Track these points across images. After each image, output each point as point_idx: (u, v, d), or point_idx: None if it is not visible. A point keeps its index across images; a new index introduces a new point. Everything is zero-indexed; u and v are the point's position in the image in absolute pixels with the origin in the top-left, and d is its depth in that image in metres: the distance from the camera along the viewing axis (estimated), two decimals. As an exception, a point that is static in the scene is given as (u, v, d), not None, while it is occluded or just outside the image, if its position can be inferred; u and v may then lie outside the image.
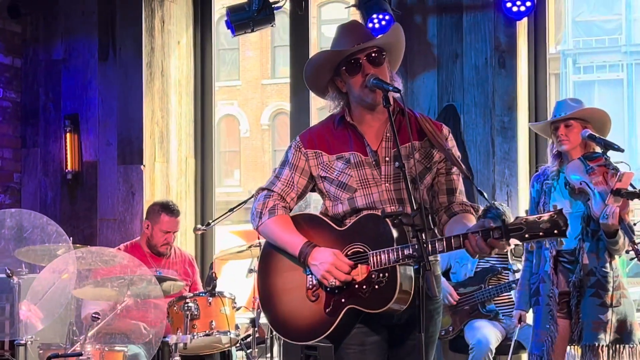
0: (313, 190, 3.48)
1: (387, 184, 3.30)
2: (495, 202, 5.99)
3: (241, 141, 24.97)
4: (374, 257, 3.15)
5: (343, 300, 3.19)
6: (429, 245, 3.03)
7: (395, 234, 3.14)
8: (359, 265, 3.18)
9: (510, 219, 5.71)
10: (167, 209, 5.95)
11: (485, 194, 3.37)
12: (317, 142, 3.38)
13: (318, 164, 3.36)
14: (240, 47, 24.31)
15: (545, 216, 2.96)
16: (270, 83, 24.44)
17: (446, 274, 6.09)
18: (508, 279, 5.90)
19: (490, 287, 5.90)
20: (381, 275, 3.13)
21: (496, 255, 5.55)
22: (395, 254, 3.11)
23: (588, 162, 4.63)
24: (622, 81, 20.54)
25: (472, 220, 3.29)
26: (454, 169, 3.39)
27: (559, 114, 4.76)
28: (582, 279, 4.61)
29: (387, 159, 3.32)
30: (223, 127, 25.03)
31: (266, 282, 3.39)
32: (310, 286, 3.26)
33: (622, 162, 4.57)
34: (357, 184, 3.30)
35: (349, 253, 3.23)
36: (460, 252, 3.36)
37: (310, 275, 3.26)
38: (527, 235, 2.96)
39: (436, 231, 3.33)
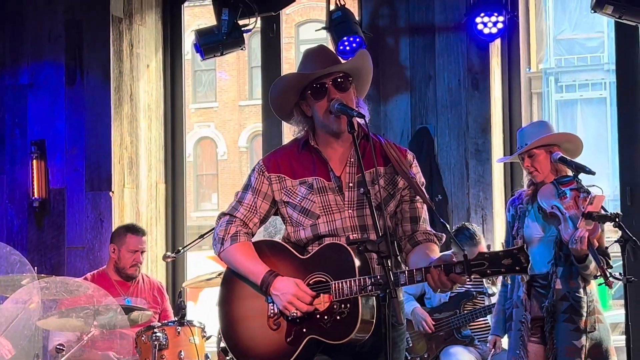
0: (276, 214, 3.51)
1: (350, 211, 3.34)
2: (466, 223, 6.04)
3: (219, 164, 24.96)
4: (336, 287, 3.18)
5: (304, 330, 3.22)
6: (393, 277, 3.06)
7: (357, 263, 3.18)
8: (321, 294, 3.22)
9: (482, 241, 5.81)
10: (131, 229, 6.01)
11: (447, 226, 3.42)
12: (281, 166, 3.42)
13: (281, 188, 3.41)
14: (217, 68, 24.36)
15: (507, 252, 3.04)
16: (247, 104, 24.48)
17: (421, 299, 6.12)
18: (484, 304, 5.95)
19: (465, 312, 5.94)
20: (343, 305, 3.17)
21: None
22: (357, 284, 3.15)
23: (560, 186, 4.69)
24: (605, 99, 20.69)
25: (435, 251, 3.35)
26: (418, 197, 3.43)
27: (521, 145, 4.81)
28: (555, 304, 4.65)
29: (350, 184, 3.36)
30: (200, 150, 25.02)
31: (227, 310, 3.41)
32: (272, 314, 3.29)
33: (594, 185, 4.63)
34: (320, 210, 3.34)
35: (310, 282, 3.26)
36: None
37: (271, 304, 3.29)
38: (488, 271, 3.03)
39: (399, 259, 3.37)
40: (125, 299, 5.85)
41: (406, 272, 3.12)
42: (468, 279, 3.11)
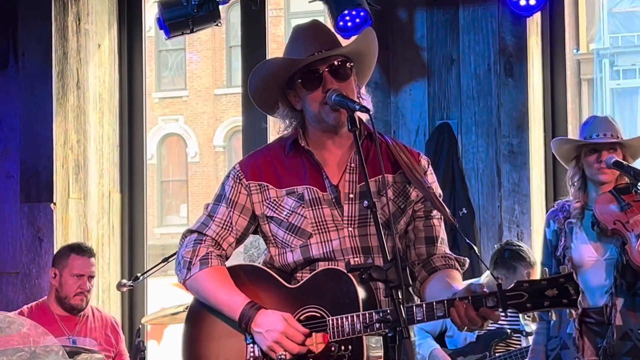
0: (255, 232, 3.51)
1: (350, 228, 3.35)
2: (514, 240, 6.04)
3: (189, 168, 24.98)
4: (334, 325, 3.18)
5: None
6: (406, 312, 3.05)
7: (361, 295, 3.18)
8: (314, 334, 3.22)
9: (533, 262, 5.77)
10: (76, 248, 6.02)
11: (476, 249, 3.43)
12: (263, 172, 3.42)
13: (263, 199, 3.41)
14: (187, 48, 24.40)
15: (552, 281, 3.06)
16: (224, 93, 24.52)
17: (441, 338, 6.12)
18: (520, 345, 5.95)
19: (497, 355, 5.94)
20: (343, 347, 3.17)
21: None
22: (361, 321, 3.15)
23: (622, 197, 4.70)
24: (673, 88, 20.74)
25: (458, 279, 3.37)
26: (435, 212, 3.44)
27: (595, 134, 4.82)
28: (614, 344, 4.66)
29: (351, 195, 3.37)
30: (165, 150, 25.05)
31: (194, 352, 3.39)
32: (251, 358, 3.28)
33: None
34: (313, 228, 3.35)
35: (301, 318, 3.26)
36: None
37: (251, 344, 3.28)
38: (528, 305, 3.06)
39: (412, 290, 3.38)
40: (71, 338, 5.85)
41: (424, 305, 3.13)
42: (503, 315, 3.13)
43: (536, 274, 5.82)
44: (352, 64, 3.40)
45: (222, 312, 3.32)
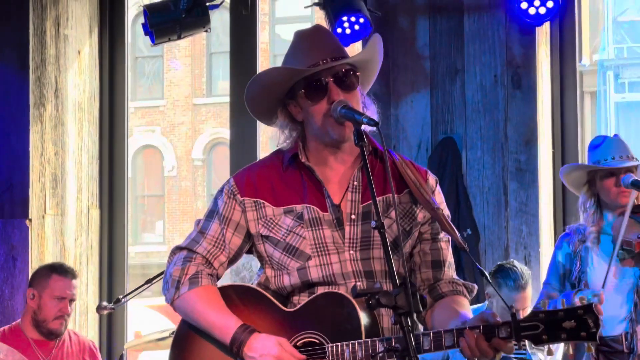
0: (249, 252, 3.48)
1: (352, 252, 3.33)
2: (513, 262, 6.04)
3: (165, 182, 24.94)
4: (334, 352, 3.17)
5: None
6: (414, 342, 3.03)
7: (364, 321, 3.17)
8: None
9: (529, 286, 5.78)
10: (58, 269, 5.98)
11: (487, 274, 3.42)
12: (259, 188, 3.40)
13: (258, 217, 3.38)
14: (165, 55, 24.38)
15: (570, 311, 3.03)
16: (205, 102, 24.50)
17: None
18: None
19: (504, 382, 5.94)
20: None
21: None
22: (363, 349, 3.13)
23: (637, 215, 4.72)
24: (681, 102, 20.82)
25: (466, 306, 3.37)
26: (442, 235, 3.44)
27: (610, 157, 4.81)
28: (636, 374, 4.68)
29: (353, 217, 3.35)
30: (141, 163, 25.00)
31: None
32: None
33: None
34: (312, 250, 3.33)
35: (298, 344, 3.25)
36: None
37: None
38: (544, 337, 3.03)
39: (416, 317, 3.36)
40: (46, 364, 5.81)
41: (431, 334, 3.12)
42: (517, 346, 3.12)
43: (529, 296, 5.81)
44: (358, 72, 3.39)
45: (213, 334, 3.30)
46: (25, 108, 7.06)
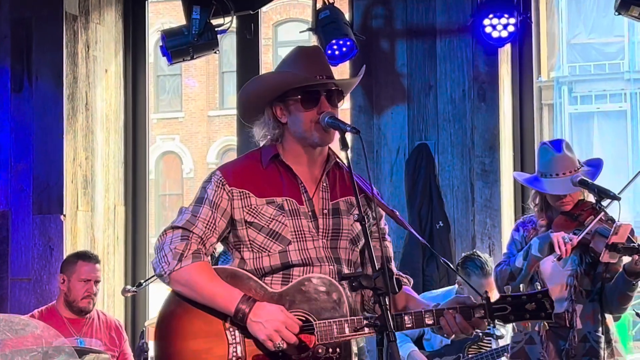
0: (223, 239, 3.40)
1: (324, 240, 3.33)
2: (476, 252, 6.05)
3: (184, 183, 24.95)
4: (322, 328, 3.16)
5: None
6: (396, 321, 3.08)
7: (350, 301, 3.19)
8: (301, 335, 3.18)
9: (489, 272, 5.78)
10: (83, 256, 5.99)
11: (451, 266, 3.47)
12: (244, 180, 3.35)
13: (243, 206, 3.32)
14: (183, 73, 24.38)
15: (531, 296, 3.15)
16: (217, 114, 24.51)
17: (419, 341, 6.11)
18: (490, 347, 5.94)
19: (470, 356, 5.93)
20: (331, 350, 3.15)
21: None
22: (349, 325, 3.14)
23: (573, 212, 4.70)
24: (626, 113, 20.79)
25: (410, 292, 3.40)
26: (387, 236, 3.47)
27: (555, 174, 4.74)
28: (575, 346, 4.66)
29: (325, 211, 3.36)
30: (162, 167, 25.00)
31: (170, 350, 3.24)
32: (234, 358, 3.19)
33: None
34: (292, 236, 3.30)
35: None
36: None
37: (234, 345, 3.19)
38: (511, 317, 3.15)
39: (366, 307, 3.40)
40: (78, 339, 5.80)
41: (413, 313, 3.15)
42: (490, 325, 3.20)
43: (492, 282, 5.82)
44: (344, 93, 3.42)
45: (214, 304, 3.20)
46: (60, 119, 7.04)
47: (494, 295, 3.23)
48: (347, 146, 3.22)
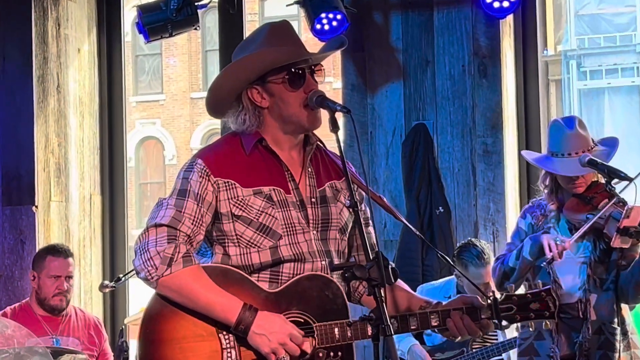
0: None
1: (314, 232, 3.30)
2: (473, 240, 6.05)
3: (166, 170, 24.94)
4: (323, 331, 3.15)
5: None
6: (400, 323, 3.12)
7: (348, 303, 3.21)
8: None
9: (491, 261, 5.80)
10: (52, 250, 6.00)
11: (448, 259, 3.48)
12: (228, 169, 3.28)
13: (229, 197, 3.25)
14: (164, 52, 24.34)
15: (536, 295, 3.25)
16: (201, 96, 24.44)
17: (419, 336, 6.11)
18: (496, 340, 5.95)
19: (474, 351, 5.93)
20: (332, 354, 3.15)
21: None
22: (353, 329, 3.14)
23: (586, 194, 4.70)
24: (639, 88, 20.82)
25: (406, 287, 3.41)
26: (371, 222, 3.44)
27: (567, 153, 4.74)
28: (590, 338, 4.66)
29: (313, 199, 3.33)
30: (143, 153, 24.98)
31: (155, 355, 3.18)
32: None
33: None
34: (283, 230, 3.26)
35: None
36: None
37: (228, 349, 3.15)
38: (517, 317, 3.23)
39: (351, 297, 3.42)
40: (54, 339, 5.81)
41: (418, 315, 3.18)
42: (497, 326, 3.26)
43: (489, 271, 5.82)
44: (323, 68, 3.37)
45: (211, 314, 3.13)
46: (29, 103, 7.03)
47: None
48: (338, 127, 3.17)
